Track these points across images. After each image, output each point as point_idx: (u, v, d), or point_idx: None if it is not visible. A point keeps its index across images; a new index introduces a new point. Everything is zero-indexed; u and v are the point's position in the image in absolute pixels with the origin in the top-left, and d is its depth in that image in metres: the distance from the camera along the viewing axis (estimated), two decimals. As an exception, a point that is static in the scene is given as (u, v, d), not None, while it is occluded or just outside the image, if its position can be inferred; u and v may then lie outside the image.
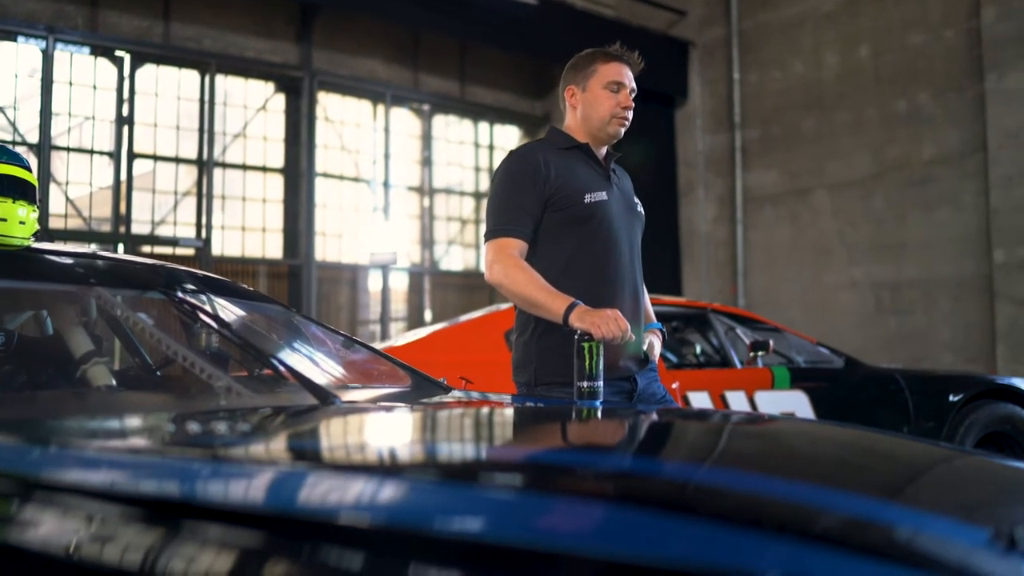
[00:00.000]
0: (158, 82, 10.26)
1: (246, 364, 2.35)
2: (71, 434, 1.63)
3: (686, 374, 4.76)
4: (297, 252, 10.95)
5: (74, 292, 2.35)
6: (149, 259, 2.77)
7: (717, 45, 13.36)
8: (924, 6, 11.26)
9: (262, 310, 2.66)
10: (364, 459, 1.43)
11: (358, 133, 11.73)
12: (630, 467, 1.33)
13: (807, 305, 12.15)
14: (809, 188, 12.31)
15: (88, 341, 2.26)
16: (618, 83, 2.82)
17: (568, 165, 2.76)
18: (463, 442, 1.65)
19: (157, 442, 1.55)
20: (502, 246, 2.65)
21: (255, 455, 1.41)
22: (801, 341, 5.43)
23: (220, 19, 10.41)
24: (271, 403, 2.01)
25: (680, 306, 5.41)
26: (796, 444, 1.62)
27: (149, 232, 10.18)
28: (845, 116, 11.97)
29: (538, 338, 2.70)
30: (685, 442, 1.71)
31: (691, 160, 13.63)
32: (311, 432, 1.69)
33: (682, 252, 13.61)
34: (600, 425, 1.98)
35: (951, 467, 1.51)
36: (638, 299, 2.83)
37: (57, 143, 9.68)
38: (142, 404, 2.05)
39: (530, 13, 11.68)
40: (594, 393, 2.43)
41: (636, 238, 2.89)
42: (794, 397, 4.74)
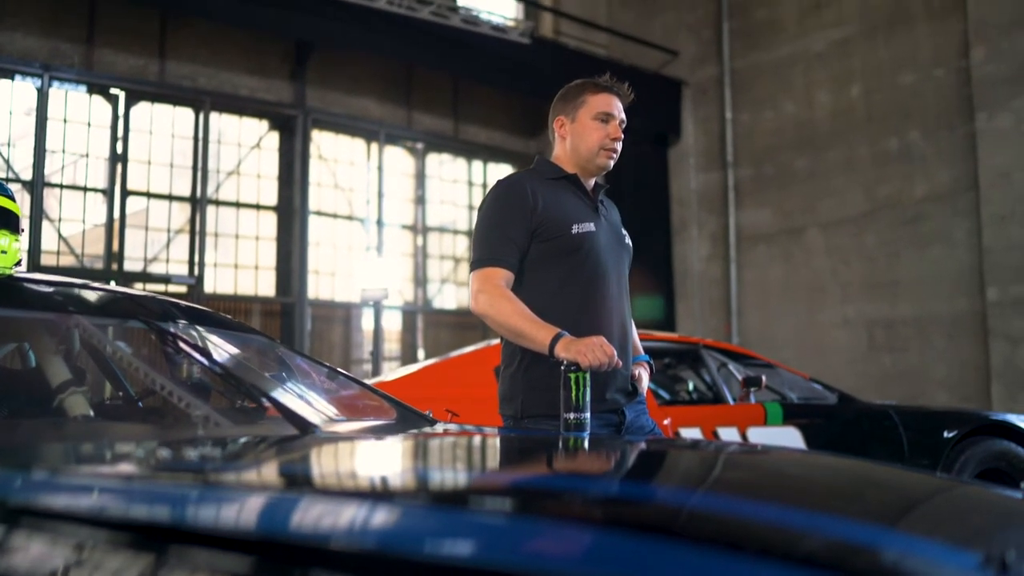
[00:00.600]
0: (152, 120, 10.29)
1: (227, 394, 2.31)
2: (42, 462, 1.59)
3: (678, 410, 4.72)
4: (290, 290, 10.92)
5: (53, 321, 2.31)
6: (131, 289, 2.75)
7: (710, 84, 13.46)
8: (914, 46, 11.37)
9: (245, 341, 2.62)
10: (338, 488, 1.39)
11: (352, 171, 11.76)
12: (598, 494, 1.29)
13: (801, 343, 12.13)
14: (802, 226, 12.34)
15: (66, 371, 2.22)
16: (607, 114, 2.80)
17: (556, 196, 2.73)
18: (439, 472, 1.61)
19: (126, 470, 1.51)
20: (488, 276, 2.62)
21: (227, 483, 1.37)
22: (794, 377, 5.40)
23: (215, 57, 10.47)
24: (249, 433, 1.97)
25: (672, 341, 5.37)
26: (779, 470, 1.59)
27: (142, 269, 10.15)
28: (837, 155, 12.04)
29: (524, 370, 2.66)
30: (662, 470, 1.68)
31: (684, 198, 13.68)
32: (286, 461, 1.65)
33: (676, 290, 13.62)
34: (579, 454, 1.94)
35: (939, 494, 1.48)
36: (626, 331, 2.80)
37: (51, 180, 9.69)
38: (118, 433, 2.01)
39: (523, 52, 11.76)
40: (581, 425, 2.39)
41: (624, 270, 2.86)
42: (787, 433, 4.69)
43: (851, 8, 12.05)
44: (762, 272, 12.77)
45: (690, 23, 13.79)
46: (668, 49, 13.65)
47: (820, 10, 12.37)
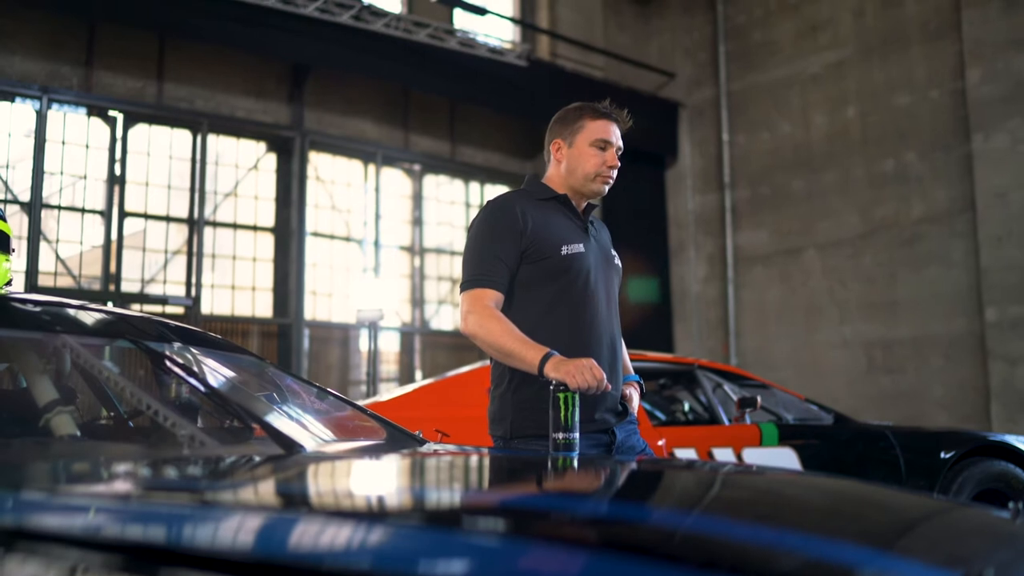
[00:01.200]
0: (150, 141, 10.31)
1: (213, 414, 2.30)
2: (21, 483, 1.58)
3: (673, 431, 4.70)
4: (287, 311, 10.91)
5: (41, 340, 2.30)
6: (120, 309, 2.74)
7: (706, 106, 13.51)
8: (910, 68, 11.42)
9: (235, 361, 2.61)
10: (317, 508, 1.38)
11: (349, 193, 11.77)
12: (576, 515, 1.28)
13: (799, 364, 12.11)
14: (799, 248, 12.36)
15: (53, 390, 2.21)
16: (606, 141, 2.80)
17: (545, 216, 2.74)
18: (419, 492, 1.60)
19: (101, 490, 1.49)
20: (477, 297, 2.62)
21: (205, 502, 1.36)
22: (790, 398, 5.38)
23: (212, 79, 10.50)
24: (233, 452, 1.96)
25: (667, 362, 5.36)
26: (767, 490, 1.58)
27: (139, 290, 10.14)
28: (833, 176, 12.07)
29: (514, 391, 2.66)
30: (646, 490, 1.66)
31: (681, 220, 13.70)
32: (267, 481, 1.64)
33: (673, 312, 13.61)
34: (564, 475, 1.93)
35: (930, 514, 1.46)
36: (615, 351, 2.80)
37: (49, 202, 9.69)
38: (100, 453, 2.00)
39: (520, 74, 11.82)
40: (570, 445, 2.38)
41: (613, 290, 2.86)
42: (783, 454, 4.67)
43: (846, 31, 12.12)
44: (760, 293, 12.77)
45: (686, 45, 13.87)
46: (665, 71, 13.71)
47: (815, 33, 12.44)
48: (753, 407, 4.80)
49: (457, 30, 11.68)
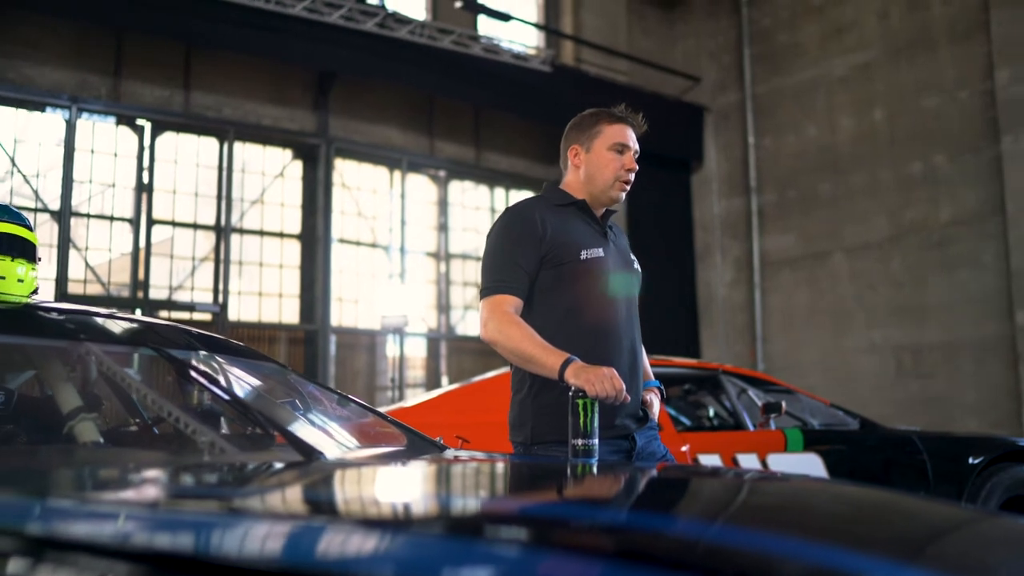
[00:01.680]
0: (178, 150, 10.40)
1: (234, 421, 2.32)
2: (38, 489, 1.60)
3: (697, 436, 4.68)
4: (313, 318, 10.96)
5: (66, 348, 2.33)
6: (144, 317, 2.77)
7: (732, 110, 13.46)
8: (938, 69, 11.32)
9: (256, 368, 2.63)
10: (331, 515, 1.39)
11: (375, 199, 11.82)
12: (589, 523, 1.28)
13: (827, 370, 12.02)
14: (827, 251, 12.27)
15: (77, 398, 2.24)
16: (623, 145, 2.80)
17: (564, 222, 2.74)
18: (435, 500, 1.60)
19: (114, 497, 1.51)
20: (497, 303, 2.62)
21: (219, 510, 1.37)
22: (815, 403, 5.34)
23: (238, 88, 10.59)
24: (252, 459, 1.97)
25: (691, 368, 5.34)
26: (783, 498, 1.57)
27: (167, 297, 10.23)
28: (861, 179, 11.98)
29: (534, 396, 2.66)
30: (661, 498, 1.66)
31: (708, 224, 13.65)
32: (284, 488, 1.65)
33: (700, 317, 13.56)
34: (581, 482, 1.92)
35: (938, 521, 1.45)
36: (636, 356, 2.79)
37: (78, 210, 9.81)
38: (120, 460, 2.01)
39: (544, 80, 11.82)
40: (589, 451, 2.37)
41: (634, 295, 2.85)
42: (808, 460, 4.63)
43: (872, 32, 12.03)
44: (787, 297, 12.70)
45: (711, 49, 13.82)
46: (690, 75, 13.67)
47: (841, 34, 12.36)
48: (778, 412, 4.77)
49: (481, 36, 11.71)
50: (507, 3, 12.63)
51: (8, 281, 2.75)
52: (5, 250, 2.78)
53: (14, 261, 2.79)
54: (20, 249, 2.84)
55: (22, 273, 2.81)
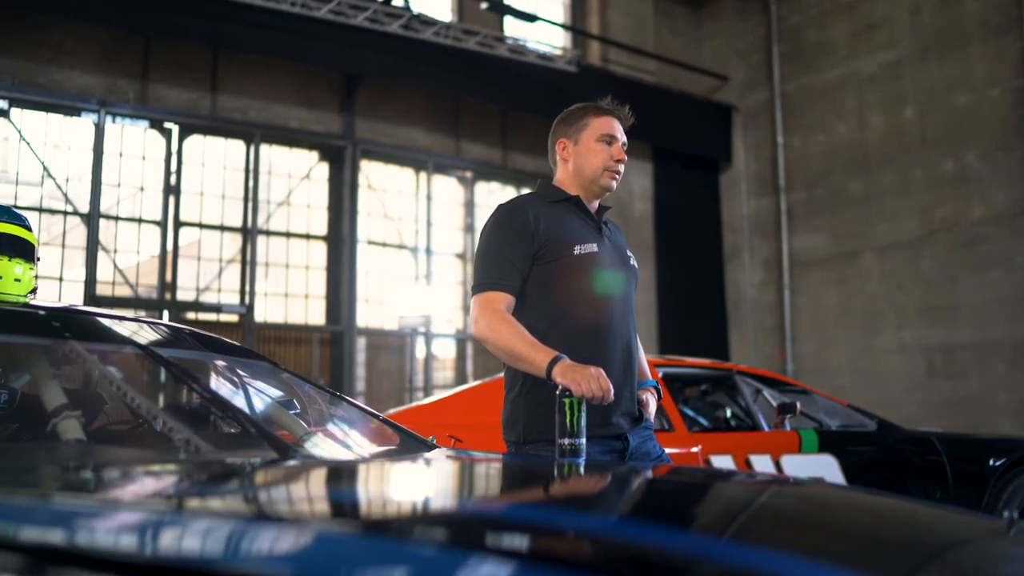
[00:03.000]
0: (205, 152, 10.50)
1: (214, 418, 2.32)
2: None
3: (709, 437, 4.62)
4: (339, 319, 11.01)
5: (53, 347, 2.34)
6: (139, 317, 2.77)
7: (760, 109, 13.34)
8: (969, 66, 11.14)
9: (247, 366, 2.63)
10: (275, 514, 1.37)
11: (401, 200, 11.85)
12: (525, 525, 1.25)
13: (857, 371, 11.87)
14: (856, 251, 12.12)
15: (61, 396, 2.24)
16: (611, 136, 2.78)
17: (558, 217, 2.71)
18: (391, 499, 1.58)
19: (67, 493, 1.51)
20: (488, 300, 2.60)
21: (162, 507, 1.36)
22: (832, 403, 5.26)
23: (265, 91, 10.66)
24: (225, 457, 1.96)
25: (705, 368, 5.28)
26: (763, 504, 1.53)
27: (194, 299, 10.32)
28: (891, 178, 11.82)
29: (525, 395, 2.63)
30: (630, 501, 1.63)
31: (736, 224, 13.54)
32: (241, 485, 1.64)
33: (729, 318, 13.45)
34: (554, 484, 1.90)
35: (909, 523, 1.41)
36: (630, 352, 2.75)
37: (107, 212, 9.93)
38: (93, 458, 2.02)
39: (570, 80, 11.77)
40: (576, 451, 2.34)
41: (629, 292, 2.82)
42: (823, 461, 4.57)
43: (902, 29, 11.87)
44: (816, 298, 12.56)
45: (740, 48, 13.71)
46: (718, 74, 13.58)
47: (871, 32, 12.20)
48: (793, 413, 4.71)
49: (507, 37, 11.70)
50: (533, 4, 12.61)
51: (6, 280, 2.77)
52: (3, 250, 2.81)
53: (11, 261, 2.81)
54: (18, 249, 2.86)
55: (19, 273, 2.83)
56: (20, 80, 9.37)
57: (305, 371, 10.77)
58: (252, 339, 10.16)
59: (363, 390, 11.49)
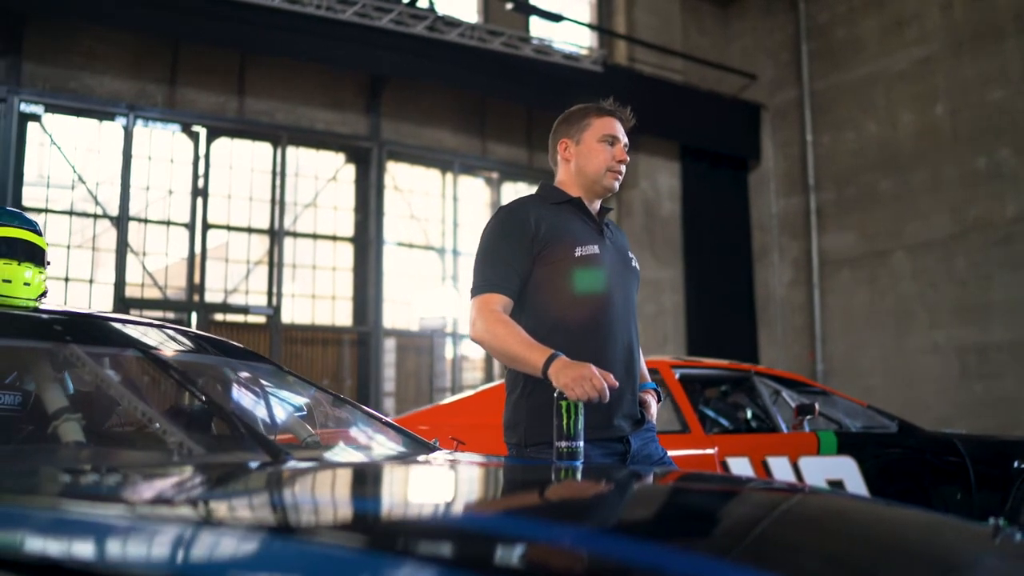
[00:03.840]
0: (232, 155, 10.59)
1: (210, 421, 2.33)
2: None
3: (726, 439, 4.58)
4: (366, 320, 11.05)
5: (54, 350, 2.36)
6: (145, 319, 2.79)
7: (789, 107, 13.22)
8: (1002, 61, 10.97)
9: (249, 368, 2.64)
10: (257, 517, 1.38)
11: (427, 201, 11.88)
12: (489, 533, 1.24)
13: (889, 371, 11.73)
14: (887, 250, 11.98)
15: (63, 398, 2.27)
16: (613, 136, 2.78)
17: (559, 219, 2.71)
18: (378, 501, 1.58)
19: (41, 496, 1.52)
20: (485, 302, 2.60)
21: (128, 511, 1.37)
22: (852, 405, 5.19)
23: (291, 93, 10.74)
24: (216, 460, 1.97)
25: (724, 369, 5.23)
26: (745, 513, 1.51)
27: (222, 301, 10.41)
28: (923, 175, 11.67)
29: (526, 397, 2.62)
30: (607, 507, 1.61)
31: (765, 223, 13.43)
32: (223, 489, 1.64)
33: (758, 318, 13.34)
34: (543, 489, 1.89)
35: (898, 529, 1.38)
36: (632, 353, 2.73)
37: (137, 215, 10.04)
38: (86, 461, 2.03)
39: (596, 80, 11.73)
40: (573, 454, 2.32)
41: (631, 293, 2.80)
42: (842, 463, 4.51)
43: (934, 25, 11.71)
44: (847, 297, 12.42)
45: (768, 46, 13.60)
46: (746, 73, 13.47)
47: (902, 28, 12.05)
48: (811, 414, 4.65)
49: (532, 38, 11.69)
50: (559, 3, 12.59)
51: (15, 284, 2.80)
52: (13, 254, 2.84)
53: (21, 265, 2.84)
54: (28, 253, 2.89)
55: (29, 277, 2.86)
56: (52, 86, 9.51)
57: (332, 372, 10.83)
58: (279, 340, 10.24)
59: (392, 391, 11.54)
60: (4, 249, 2.84)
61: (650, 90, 12.46)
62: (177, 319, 10.20)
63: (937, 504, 4.53)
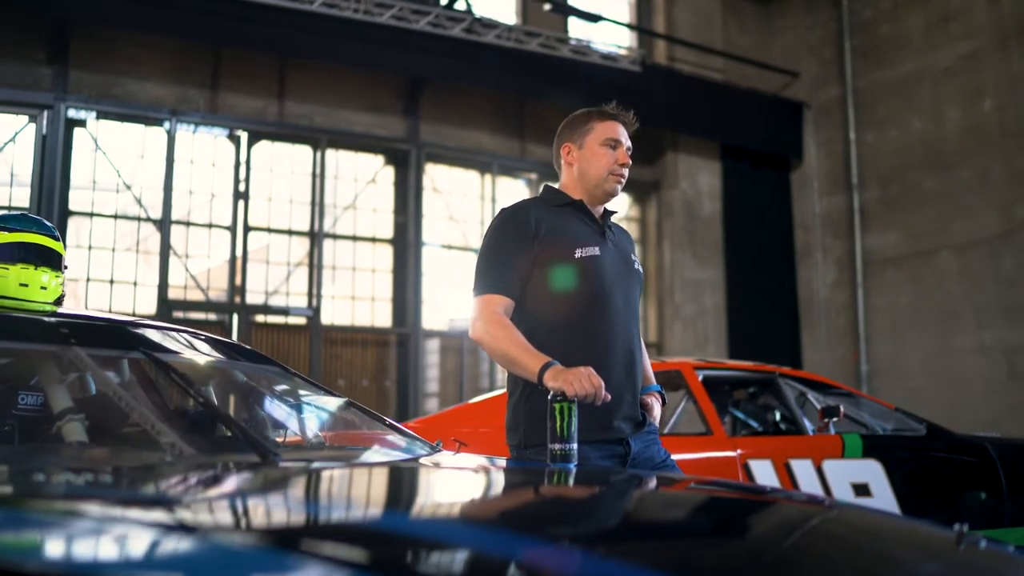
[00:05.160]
0: (273, 158, 10.73)
1: (205, 422, 2.37)
2: None
3: (748, 441, 4.55)
4: (405, 321, 11.12)
5: (58, 353, 2.41)
6: (157, 323, 2.84)
7: (832, 105, 13.05)
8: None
9: (253, 370, 2.69)
10: (215, 519, 1.40)
11: (466, 203, 11.92)
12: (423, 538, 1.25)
13: (934, 372, 11.52)
14: (933, 249, 11.77)
15: (67, 399, 2.32)
16: (615, 140, 2.79)
17: (560, 221, 2.72)
18: (351, 505, 1.60)
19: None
20: (486, 303, 2.62)
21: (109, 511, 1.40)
22: (879, 407, 5.12)
23: (331, 97, 10.84)
24: (203, 460, 2.01)
25: (747, 370, 5.18)
26: (724, 520, 1.50)
27: (263, 302, 10.55)
28: (969, 173, 11.45)
29: (526, 399, 2.64)
30: (566, 513, 1.61)
31: (808, 223, 13.27)
32: (199, 489, 1.68)
33: (800, 318, 13.18)
34: (520, 495, 1.89)
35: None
36: (632, 355, 2.73)
37: (179, 219, 10.22)
38: (76, 460, 2.08)
39: (635, 80, 11.69)
40: (567, 456, 2.34)
41: (632, 296, 2.80)
42: (867, 467, 4.45)
43: (980, 19, 11.49)
44: (891, 297, 12.22)
45: (811, 43, 13.43)
46: (788, 71, 13.32)
47: (948, 23, 11.83)
48: (836, 416, 4.59)
49: (570, 38, 11.67)
50: (598, 3, 12.56)
51: (31, 288, 2.88)
52: (30, 259, 2.91)
53: (37, 269, 2.91)
54: (45, 258, 2.96)
55: (46, 281, 2.93)
56: (97, 92, 9.71)
57: (372, 373, 10.93)
58: (319, 341, 10.36)
59: (436, 391, 11.62)
60: (21, 254, 2.92)
61: (690, 89, 12.39)
62: (219, 321, 10.38)
63: (964, 510, 4.45)
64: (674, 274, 12.55)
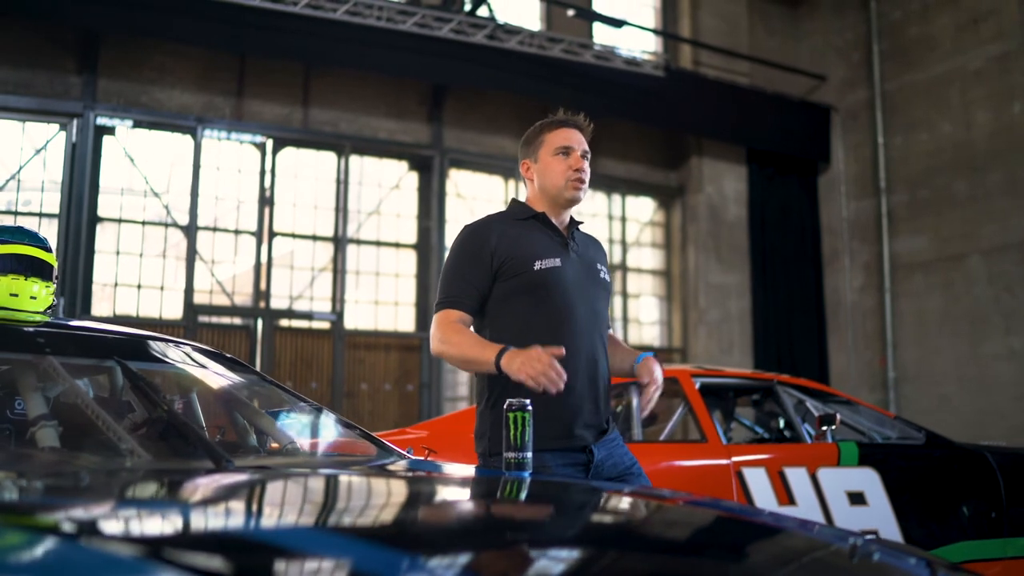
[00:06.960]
0: (298, 164, 10.87)
1: (165, 428, 2.44)
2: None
3: (742, 449, 4.54)
4: (428, 325, 11.17)
5: (34, 361, 2.50)
6: (133, 330, 2.92)
7: (860, 109, 12.94)
8: (1081, 58, 10.57)
9: (227, 377, 2.75)
10: (141, 526, 1.46)
11: (489, 208, 11.95)
12: None
13: (962, 378, 11.38)
14: (962, 253, 11.63)
15: (43, 405, 2.41)
16: (566, 148, 2.84)
17: (521, 234, 2.77)
18: (282, 512, 1.66)
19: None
20: (444, 317, 2.70)
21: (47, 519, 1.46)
22: (879, 415, 5.09)
23: (355, 103, 10.97)
24: (155, 466, 2.08)
25: (746, 378, 5.18)
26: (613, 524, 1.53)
27: (287, 307, 10.68)
28: (999, 176, 11.30)
29: (491, 407, 2.68)
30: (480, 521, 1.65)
31: (835, 227, 13.17)
32: (135, 495, 1.74)
33: (827, 323, 13.08)
34: (449, 504, 1.94)
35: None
36: (596, 366, 2.75)
37: (205, 224, 10.39)
38: (33, 467, 2.16)
39: (660, 84, 11.69)
40: (521, 464, 2.36)
41: (598, 305, 2.82)
42: (863, 475, 4.43)
43: (1011, 21, 11.34)
44: (919, 302, 12.10)
45: (838, 46, 13.34)
46: (815, 74, 13.24)
47: (977, 25, 11.70)
48: (833, 424, 4.57)
49: (593, 44, 11.68)
50: (624, 8, 12.57)
51: (21, 298, 2.97)
52: (21, 269, 3.01)
53: (28, 280, 3.01)
54: (36, 269, 3.06)
55: (36, 291, 3.03)
56: (125, 100, 9.92)
57: (395, 377, 11.01)
58: (342, 346, 10.47)
59: (458, 395, 11.69)
60: (12, 264, 3.02)
61: (715, 93, 12.36)
62: (244, 325, 10.53)
63: (963, 520, 4.41)
64: (699, 279, 12.51)
